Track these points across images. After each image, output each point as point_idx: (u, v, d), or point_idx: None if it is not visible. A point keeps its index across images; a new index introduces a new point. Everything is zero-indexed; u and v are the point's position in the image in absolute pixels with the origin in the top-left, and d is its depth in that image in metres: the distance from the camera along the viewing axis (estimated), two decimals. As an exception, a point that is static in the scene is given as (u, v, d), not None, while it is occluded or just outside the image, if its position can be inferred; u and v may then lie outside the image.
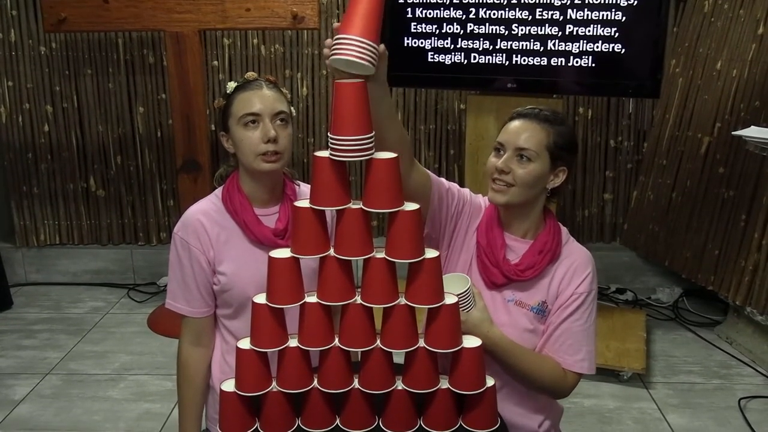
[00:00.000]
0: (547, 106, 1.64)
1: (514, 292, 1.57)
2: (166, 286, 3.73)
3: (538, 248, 1.55)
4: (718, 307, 3.47)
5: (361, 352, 1.36)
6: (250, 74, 1.64)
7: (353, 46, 1.22)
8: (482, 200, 1.65)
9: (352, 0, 1.26)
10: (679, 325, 3.44)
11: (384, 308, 1.34)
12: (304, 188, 1.71)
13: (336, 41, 1.24)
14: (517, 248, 1.57)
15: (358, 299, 1.33)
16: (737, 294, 3.08)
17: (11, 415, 2.67)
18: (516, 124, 1.53)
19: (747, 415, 2.66)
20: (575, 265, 1.55)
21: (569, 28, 2.70)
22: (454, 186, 1.60)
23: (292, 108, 1.66)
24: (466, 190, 1.63)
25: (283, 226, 1.62)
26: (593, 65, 2.71)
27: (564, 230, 1.61)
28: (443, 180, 1.57)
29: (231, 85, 1.62)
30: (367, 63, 1.24)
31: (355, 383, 1.38)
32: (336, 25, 1.28)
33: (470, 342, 1.36)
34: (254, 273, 1.56)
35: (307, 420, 1.39)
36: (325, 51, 1.28)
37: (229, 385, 1.37)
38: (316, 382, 1.38)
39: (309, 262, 1.37)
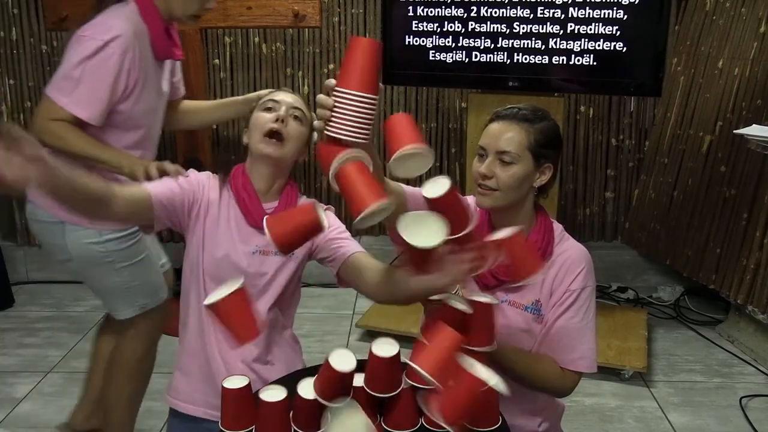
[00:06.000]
0: (541, 104, 1.64)
1: (507, 293, 1.57)
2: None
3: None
4: (719, 306, 3.47)
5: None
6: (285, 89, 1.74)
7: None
8: (471, 200, 1.65)
9: (353, 57, 1.21)
10: (681, 323, 3.44)
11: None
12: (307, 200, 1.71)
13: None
14: None
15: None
16: (739, 293, 3.08)
17: (13, 413, 2.68)
18: (495, 126, 1.53)
19: (748, 413, 2.66)
20: (568, 262, 1.55)
21: (570, 26, 2.70)
22: None
23: (314, 120, 1.65)
24: None
25: (280, 210, 1.63)
26: (594, 64, 2.71)
27: (558, 228, 1.60)
28: (421, 190, 1.58)
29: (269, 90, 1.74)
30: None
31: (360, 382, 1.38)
32: (331, 82, 1.22)
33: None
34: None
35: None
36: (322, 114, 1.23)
37: (230, 383, 1.37)
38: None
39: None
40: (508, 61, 2.82)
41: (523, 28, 2.76)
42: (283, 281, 1.64)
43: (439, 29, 2.86)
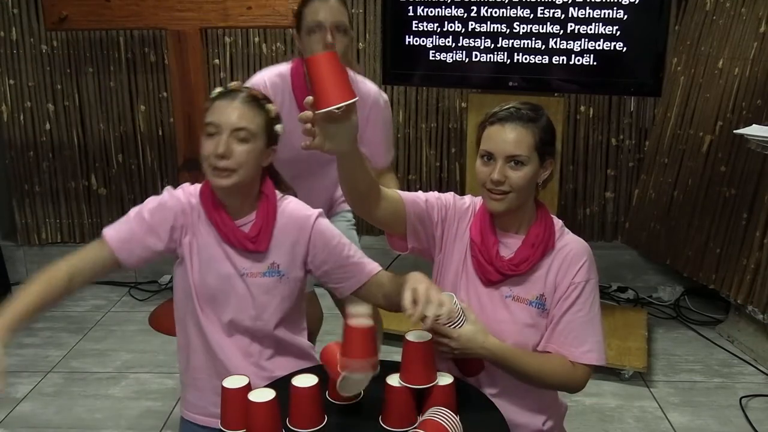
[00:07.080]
0: (541, 104, 1.64)
1: (511, 288, 1.57)
2: (167, 284, 3.76)
3: (530, 241, 1.55)
4: (719, 306, 3.47)
5: None
6: (234, 84, 1.61)
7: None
8: (469, 200, 1.66)
9: (317, 72, 1.27)
10: (681, 323, 3.43)
11: None
12: (295, 204, 1.67)
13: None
14: (510, 244, 1.58)
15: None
16: (739, 292, 3.08)
17: (13, 413, 2.68)
18: (501, 130, 1.51)
19: (748, 413, 2.66)
20: (570, 255, 1.55)
21: (571, 26, 2.70)
22: (432, 196, 1.61)
23: (277, 127, 1.60)
24: (448, 195, 1.65)
25: (256, 232, 1.59)
26: (595, 64, 2.71)
27: (558, 223, 1.61)
28: (419, 194, 1.60)
29: (216, 91, 1.59)
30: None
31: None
32: (309, 99, 1.29)
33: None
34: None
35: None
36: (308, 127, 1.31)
37: (230, 383, 1.37)
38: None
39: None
40: (508, 61, 2.82)
41: (523, 28, 2.76)
42: (281, 301, 1.63)
43: (439, 29, 2.86)
